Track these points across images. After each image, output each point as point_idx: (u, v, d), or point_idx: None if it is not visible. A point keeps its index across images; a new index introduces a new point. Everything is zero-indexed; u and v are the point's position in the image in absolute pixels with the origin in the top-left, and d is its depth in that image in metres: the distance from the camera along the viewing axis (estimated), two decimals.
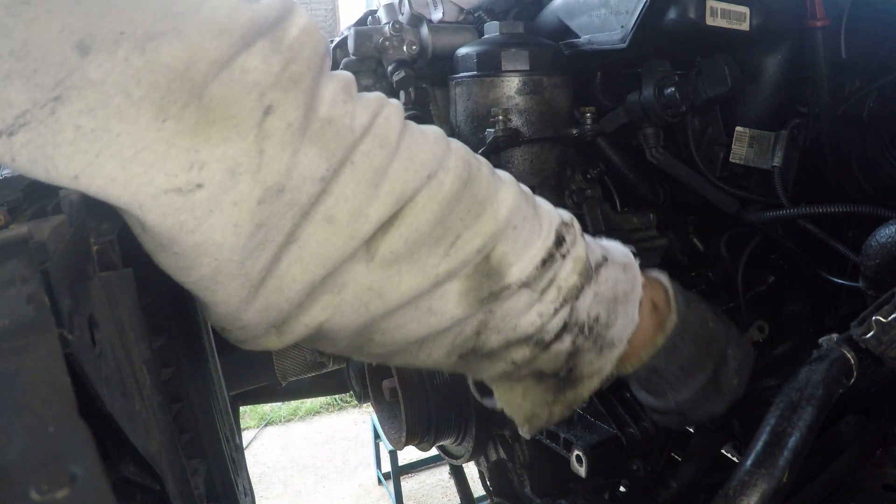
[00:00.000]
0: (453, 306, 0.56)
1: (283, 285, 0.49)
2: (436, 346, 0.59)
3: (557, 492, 1.07)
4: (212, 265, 0.46)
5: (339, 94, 0.50)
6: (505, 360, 0.62)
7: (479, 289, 0.56)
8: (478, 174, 0.57)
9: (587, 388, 0.67)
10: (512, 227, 0.57)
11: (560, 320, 0.61)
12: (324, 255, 0.49)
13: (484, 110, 1.07)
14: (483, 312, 0.58)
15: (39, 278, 0.34)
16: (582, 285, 0.61)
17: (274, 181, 0.46)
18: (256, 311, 0.50)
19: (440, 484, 3.83)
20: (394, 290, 0.53)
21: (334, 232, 0.49)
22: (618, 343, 0.66)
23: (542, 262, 0.58)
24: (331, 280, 0.51)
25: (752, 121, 0.99)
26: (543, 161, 1.10)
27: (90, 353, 0.39)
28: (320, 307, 0.52)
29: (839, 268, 1.02)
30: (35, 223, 0.39)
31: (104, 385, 0.40)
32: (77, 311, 0.38)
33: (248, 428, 4.59)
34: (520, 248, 0.58)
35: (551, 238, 0.60)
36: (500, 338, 0.60)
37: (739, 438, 1.07)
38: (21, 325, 0.32)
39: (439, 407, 1.13)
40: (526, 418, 0.70)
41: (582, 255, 0.62)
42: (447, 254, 0.54)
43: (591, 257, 0.63)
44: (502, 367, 0.63)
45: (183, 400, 0.84)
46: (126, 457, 0.46)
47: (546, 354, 0.62)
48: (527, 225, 0.59)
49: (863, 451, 0.82)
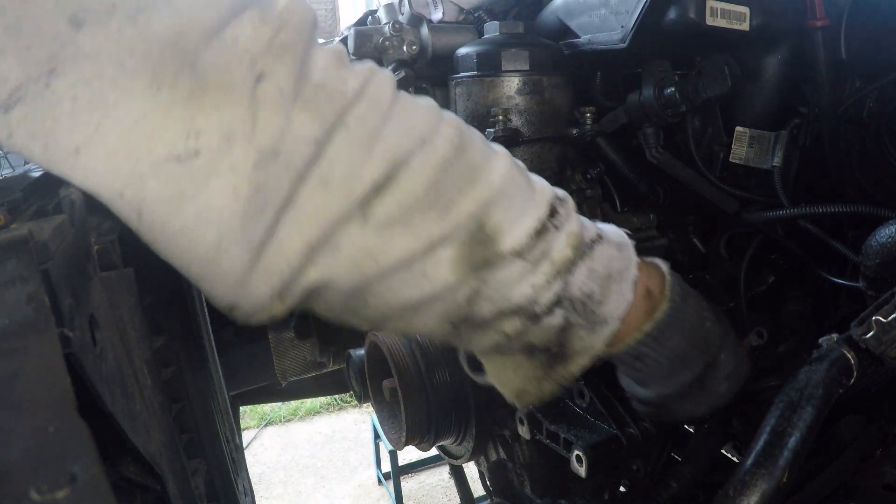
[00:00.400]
0: (447, 272, 0.56)
1: (282, 248, 0.50)
2: (429, 312, 0.59)
3: (557, 492, 1.07)
4: (214, 233, 0.47)
5: (331, 62, 0.51)
6: (497, 331, 0.62)
7: (473, 256, 0.56)
8: (471, 142, 0.57)
9: (577, 365, 0.67)
10: (506, 195, 0.57)
11: (552, 293, 0.60)
12: (320, 216, 0.50)
13: (484, 110, 1.07)
14: (476, 280, 0.58)
15: (40, 278, 0.34)
16: (575, 259, 0.61)
17: (268, 145, 0.47)
18: (259, 277, 0.50)
19: (440, 484, 3.83)
20: (388, 252, 0.53)
21: (329, 194, 0.50)
22: (610, 321, 0.65)
23: (536, 233, 0.58)
24: (327, 242, 0.51)
25: (752, 121, 0.99)
26: (543, 161, 1.10)
27: (91, 352, 0.39)
28: (317, 269, 0.52)
29: (839, 268, 1.02)
30: (36, 223, 0.39)
31: (105, 385, 0.40)
32: (78, 310, 0.38)
33: (248, 428, 4.59)
34: (513, 217, 0.58)
35: (545, 209, 0.60)
36: (493, 307, 0.60)
37: (739, 438, 1.07)
38: (21, 325, 0.32)
39: (439, 407, 1.13)
40: (516, 394, 0.70)
41: (576, 230, 0.62)
42: (441, 218, 0.54)
43: (586, 233, 0.63)
44: (494, 339, 0.63)
45: (183, 400, 0.84)
46: (126, 457, 0.46)
47: (538, 328, 0.62)
48: (520, 194, 0.59)
49: (863, 451, 0.82)
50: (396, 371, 1.13)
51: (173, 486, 0.53)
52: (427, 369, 1.13)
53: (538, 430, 1.04)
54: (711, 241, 1.16)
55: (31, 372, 0.32)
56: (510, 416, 1.12)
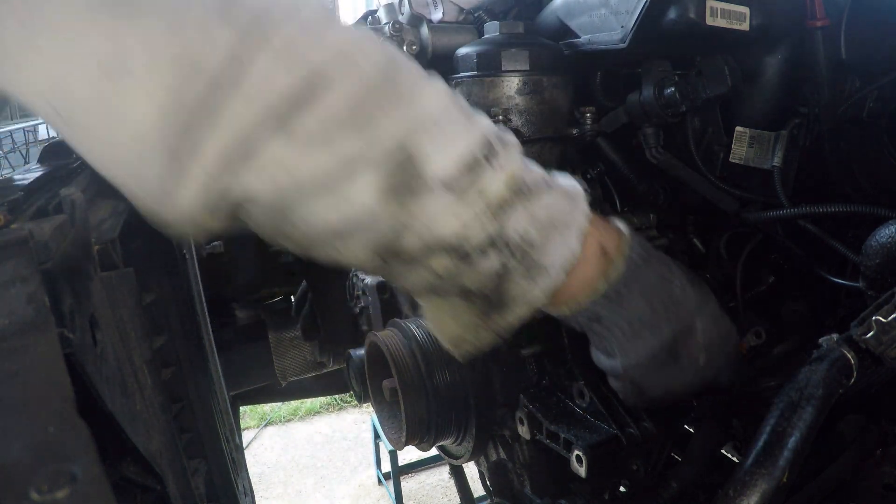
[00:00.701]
0: (369, 197, 0.56)
1: (202, 158, 0.51)
2: (356, 241, 0.59)
3: (557, 492, 1.07)
4: (137, 143, 0.50)
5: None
6: (426, 268, 0.61)
7: (397, 182, 0.56)
8: (401, 67, 0.58)
9: (515, 314, 0.65)
10: (437, 124, 0.57)
11: (484, 233, 0.59)
12: (238, 127, 0.51)
13: (484, 110, 1.06)
14: (401, 210, 0.57)
15: (40, 278, 0.34)
16: (512, 200, 0.60)
17: (191, 59, 0.49)
18: (182, 187, 0.52)
19: (440, 484, 3.83)
20: (305, 168, 0.53)
21: (249, 106, 0.51)
22: (551, 270, 0.64)
23: (466, 165, 0.57)
24: (246, 154, 0.52)
25: (752, 121, 0.99)
26: (543, 161, 1.09)
27: (91, 352, 0.39)
28: (239, 182, 0.53)
29: (839, 268, 1.02)
30: (36, 223, 0.39)
31: (105, 385, 0.40)
32: (78, 310, 0.38)
33: (248, 428, 4.59)
34: (441, 146, 0.57)
35: (478, 143, 0.59)
36: (420, 242, 0.59)
37: (739, 438, 1.07)
38: (21, 325, 0.33)
39: (439, 407, 1.13)
40: (452, 341, 0.69)
41: (516, 172, 0.60)
42: (361, 138, 0.54)
43: (528, 176, 0.62)
44: (425, 277, 0.62)
45: (183, 400, 0.84)
46: (126, 456, 0.46)
47: (472, 270, 0.61)
48: (453, 126, 0.58)
49: (863, 451, 0.82)
50: (396, 371, 1.13)
51: (173, 486, 0.53)
52: (427, 369, 1.13)
53: (538, 430, 1.04)
54: (711, 241, 1.16)
55: (31, 372, 0.32)
56: (510, 416, 1.12)
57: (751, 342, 1.02)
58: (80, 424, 0.30)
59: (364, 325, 1.62)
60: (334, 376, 1.88)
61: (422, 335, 1.17)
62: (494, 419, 1.15)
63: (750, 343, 1.02)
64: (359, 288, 1.60)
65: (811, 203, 0.94)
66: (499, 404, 1.14)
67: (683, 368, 0.72)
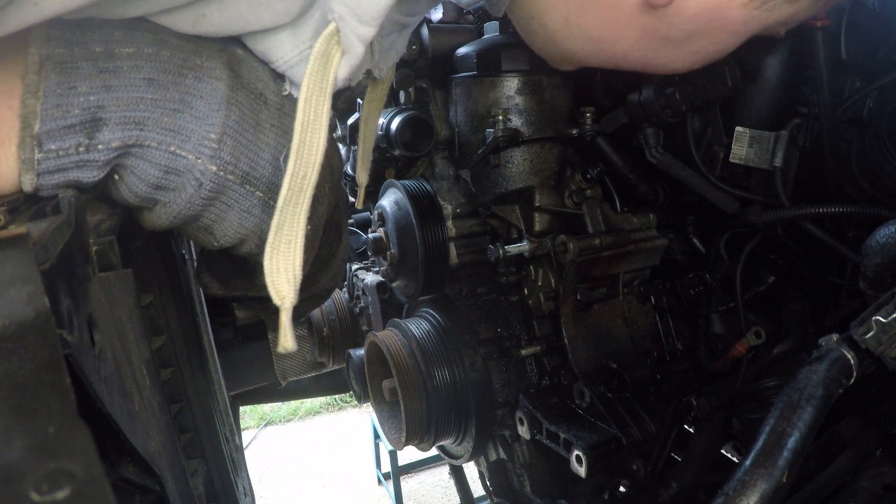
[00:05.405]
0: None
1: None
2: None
3: (557, 492, 1.07)
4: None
5: None
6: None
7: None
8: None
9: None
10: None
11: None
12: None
13: (484, 110, 1.06)
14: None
15: (39, 279, 0.34)
16: None
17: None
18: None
19: (440, 484, 3.83)
20: None
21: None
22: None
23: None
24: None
25: (752, 121, 0.99)
26: (543, 161, 1.09)
27: (90, 353, 0.39)
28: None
29: (839, 268, 1.02)
30: (35, 223, 0.39)
31: (103, 385, 0.40)
32: (76, 311, 0.38)
33: (248, 428, 4.59)
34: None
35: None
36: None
37: (739, 438, 1.07)
38: (21, 325, 0.32)
39: (439, 407, 1.13)
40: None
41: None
42: None
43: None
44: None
45: (183, 400, 0.84)
46: (126, 457, 0.46)
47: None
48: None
49: (863, 451, 0.82)
50: (396, 371, 1.13)
51: (173, 487, 0.53)
52: (427, 369, 1.13)
53: (538, 431, 1.04)
54: (711, 241, 1.16)
55: (31, 372, 0.31)
56: (510, 416, 1.12)
57: (751, 342, 1.02)
58: (80, 424, 0.30)
59: (364, 325, 1.62)
60: (334, 376, 1.88)
61: (422, 335, 1.17)
62: (494, 419, 1.15)
63: (750, 343, 1.02)
64: (359, 288, 1.60)
65: (811, 203, 0.94)
66: (499, 404, 1.14)
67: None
